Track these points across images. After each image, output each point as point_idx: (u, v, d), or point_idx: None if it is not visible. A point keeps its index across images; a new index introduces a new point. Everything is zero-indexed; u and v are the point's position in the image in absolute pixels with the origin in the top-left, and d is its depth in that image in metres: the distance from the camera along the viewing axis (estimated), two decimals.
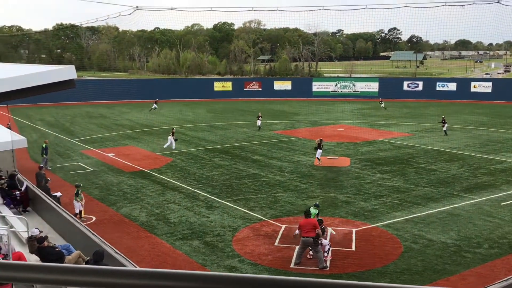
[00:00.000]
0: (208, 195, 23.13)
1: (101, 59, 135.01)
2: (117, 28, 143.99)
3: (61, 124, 47.71)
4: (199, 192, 23.74)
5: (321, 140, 29.87)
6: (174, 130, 36.07)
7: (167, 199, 22.58)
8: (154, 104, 57.93)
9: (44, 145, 29.22)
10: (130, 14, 22.10)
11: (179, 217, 20.00)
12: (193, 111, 57.81)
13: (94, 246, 12.07)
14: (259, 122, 44.10)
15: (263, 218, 19.83)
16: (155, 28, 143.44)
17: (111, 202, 22.25)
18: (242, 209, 20.96)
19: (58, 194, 20.56)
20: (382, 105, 59.58)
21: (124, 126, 46.63)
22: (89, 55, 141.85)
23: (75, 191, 20.00)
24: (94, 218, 19.95)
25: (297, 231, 15.76)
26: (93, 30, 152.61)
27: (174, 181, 25.77)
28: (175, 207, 21.42)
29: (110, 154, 32.94)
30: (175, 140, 34.90)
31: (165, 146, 34.61)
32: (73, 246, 13.08)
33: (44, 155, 28.81)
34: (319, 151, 29.28)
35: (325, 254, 15.61)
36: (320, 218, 16.58)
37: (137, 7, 21.48)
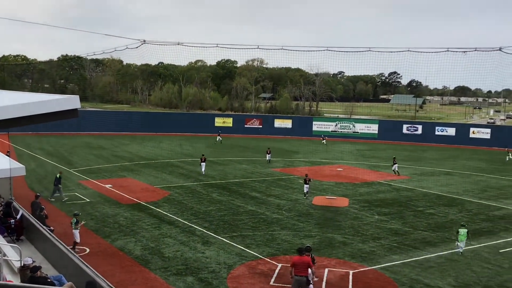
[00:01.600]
0: (204, 230, 22.90)
1: (104, 91, 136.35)
2: (121, 61, 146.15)
3: (60, 154, 47.69)
4: (196, 227, 23.51)
5: (306, 175, 31.51)
6: (204, 156, 39.46)
7: (162, 233, 22.34)
8: (218, 137, 61.86)
9: (58, 175, 28.96)
10: (137, 47, 22.44)
11: (174, 252, 19.73)
12: (193, 145, 57.93)
13: (86, 278, 11.86)
14: (268, 157, 46.44)
15: (260, 256, 19.58)
16: (159, 63, 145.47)
17: (106, 234, 22.00)
18: (239, 246, 20.72)
19: (51, 228, 20.27)
20: (324, 141, 63.12)
21: (123, 158, 46.61)
22: (92, 86, 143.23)
23: (74, 220, 19.76)
24: (88, 250, 19.67)
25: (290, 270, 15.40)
26: (97, 62, 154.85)
27: (171, 215, 25.56)
28: (170, 241, 21.17)
29: (107, 186, 32.80)
30: (203, 162, 38.63)
31: (203, 172, 38.21)
32: (65, 277, 12.84)
33: (59, 185, 28.55)
34: (306, 186, 30.76)
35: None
36: (313, 257, 16.26)
37: (144, 41, 21.82)
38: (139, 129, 68.82)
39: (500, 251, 21.29)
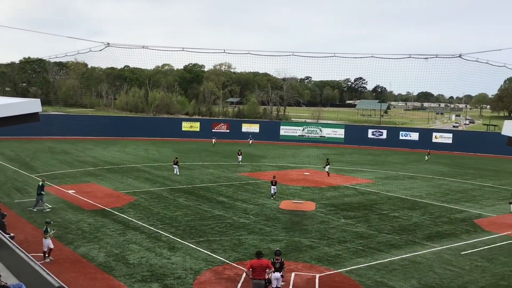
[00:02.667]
0: (170, 236, 22.64)
1: (68, 95, 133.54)
2: (85, 65, 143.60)
3: (21, 159, 46.35)
4: (162, 232, 23.22)
5: (274, 177, 32.97)
6: (177, 159, 41.07)
7: (127, 239, 21.96)
8: (213, 140, 67.08)
9: (40, 183, 27.19)
10: (100, 50, 22.06)
11: (139, 258, 19.41)
12: (159, 150, 57.30)
13: (48, 286, 11.53)
14: (240, 158, 48.58)
15: (226, 261, 19.48)
16: (125, 66, 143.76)
17: (69, 241, 21.45)
18: (205, 251, 20.56)
19: (11, 234, 19.60)
20: (250, 141, 67.67)
21: (87, 162, 45.68)
22: (56, 90, 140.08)
23: (44, 228, 19.17)
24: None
25: (245, 271, 15.29)
26: (61, 65, 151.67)
27: (136, 221, 25.16)
28: (135, 247, 20.82)
29: (70, 191, 32.05)
30: (175, 166, 40.23)
31: (177, 173, 39.75)
32: (26, 286, 12.46)
33: (42, 193, 26.68)
34: (273, 187, 32.07)
35: None
36: (283, 261, 16.25)
37: (108, 43, 21.47)
38: (104, 133, 67.65)
39: (462, 253, 21.84)
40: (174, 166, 40.32)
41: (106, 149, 56.26)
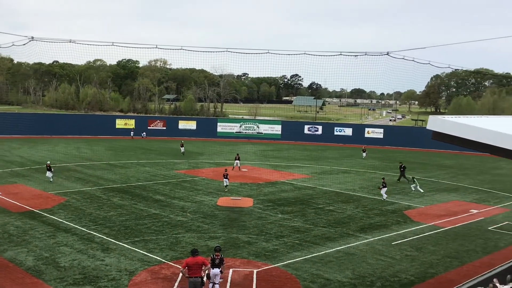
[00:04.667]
0: (104, 237, 21.91)
1: None
2: (11, 60, 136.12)
3: None
4: (95, 233, 22.42)
5: (226, 170, 35.23)
6: (49, 164, 35.65)
7: (58, 242, 21.02)
8: (143, 133, 70.05)
9: None
10: (24, 44, 20.89)
11: (71, 261, 18.63)
12: (92, 148, 55.39)
13: None
14: (182, 149, 52.31)
15: (163, 260, 19.12)
16: (53, 62, 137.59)
17: None
18: (141, 251, 20.08)
19: None
20: (144, 134, 70.58)
21: (13, 162, 43.33)
22: None
23: None
24: None
25: (181, 270, 15.11)
26: None
27: (67, 222, 24.15)
28: (66, 250, 19.97)
29: None
30: (49, 171, 35.00)
31: (51, 180, 34.59)
32: None
33: None
34: (225, 180, 33.75)
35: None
36: (222, 257, 16.16)
37: (32, 37, 20.37)
38: (31, 131, 64.41)
39: (393, 243, 22.72)
40: (47, 171, 34.98)
41: (33, 148, 53.64)
